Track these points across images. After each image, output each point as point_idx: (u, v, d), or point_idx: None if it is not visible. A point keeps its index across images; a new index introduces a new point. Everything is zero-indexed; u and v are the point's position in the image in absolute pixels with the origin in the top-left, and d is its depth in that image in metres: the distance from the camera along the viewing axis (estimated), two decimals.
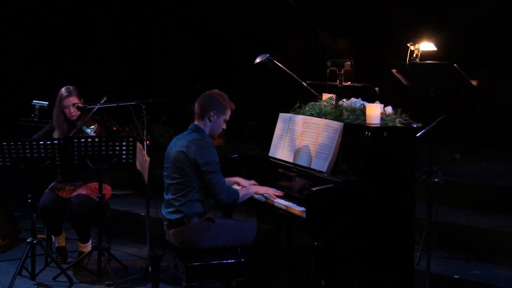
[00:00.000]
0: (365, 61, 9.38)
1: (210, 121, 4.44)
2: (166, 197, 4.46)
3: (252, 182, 4.76)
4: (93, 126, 5.58)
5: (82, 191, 5.59)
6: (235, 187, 4.70)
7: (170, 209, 4.40)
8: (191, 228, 4.33)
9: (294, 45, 10.69)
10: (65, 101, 5.60)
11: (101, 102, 5.50)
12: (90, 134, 5.46)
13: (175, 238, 4.39)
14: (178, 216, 4.35)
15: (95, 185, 5.57)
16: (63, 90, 5.66)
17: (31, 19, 9.60)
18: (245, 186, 4.68)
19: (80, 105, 5.55)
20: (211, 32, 10.85)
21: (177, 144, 4.40)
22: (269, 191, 4.55)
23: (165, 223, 4.47)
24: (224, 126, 4.53)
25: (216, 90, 4.53)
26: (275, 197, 4.49)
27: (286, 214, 4.35)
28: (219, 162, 4.39)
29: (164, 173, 4.48)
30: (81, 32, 10.12)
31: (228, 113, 4.51)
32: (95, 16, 10.26)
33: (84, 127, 5.54)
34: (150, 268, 5.11)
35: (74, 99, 5.60)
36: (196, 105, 4.50)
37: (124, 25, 10.53)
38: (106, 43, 10.43)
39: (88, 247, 5.67)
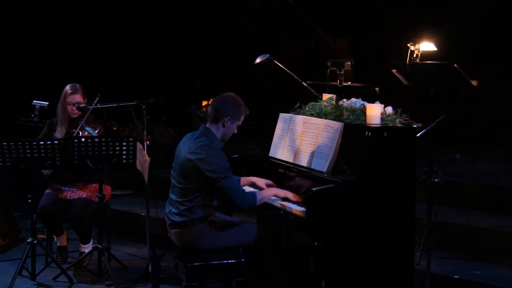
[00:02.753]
0: (365, 61, 9.38)
1: (224, 126, 4.35)
2: (171, 196, 4.44)
3: (269, 182, 4.68)
4: (97, 130, 5.58)
5: (82, 194, 5.60)
6: (247, 188, 4.64)
7: (174, 210, 4.37)
8: (194, 231, 4.31)
9: (294, 45, 10.70)
10: (70, 97, 5.63)
11: (95, 102, 5.53)
12: (92, 134, 5.46)
13: (177, 239, 4.38)
14: (181, 219, 4.32)
15: (95, 186, 5.57)
16: (68, 87, 5.69)
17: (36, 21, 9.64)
18: (261, 186, 4.61)
19: (81, 105, 5.56)
20: (211, 32, 10.85)
21: (186, 147, 4.32)
22: (288, 195, 4.43)
23: (168, 222, 4.45)
24: (236, 131, 4.43)
25: (232, 94, 4.41)
26: (294, 199, 4.40)
27: (286, 214, 4.35)
28: (230, 166, 4.33)
29: (172, 172, 4.43)
30: (83, 32, 10.14)
31: (242, 118, 4.41)
32: (96, 16, 10.27)
33: (88, 127, 5.53)
34: (150, 268, 5.11)
35: (78, 97, 5.63)
36: (211, 108, 4.39)
37: (124, 25, 10.53)
38: (107, 44, 10.43)
39: (89, 247, 5.67)
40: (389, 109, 4.48)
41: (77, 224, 5.55)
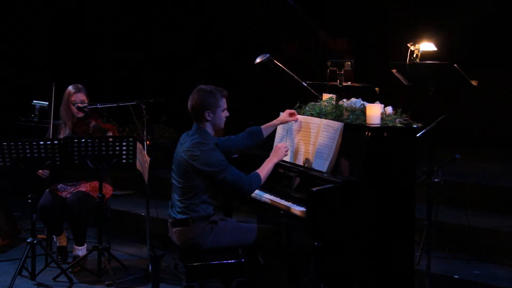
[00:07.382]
0: (365, 61, 9.38)
1: (207, 120, 4.38)
2: (173, 196, 4.47)
3: (289, 112, 4.75)
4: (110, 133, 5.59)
5: (82, 188, 5.59)
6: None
7: (176, 209, 4.40)
8: (195, 229, 4.33)
9: (294, 45, 10.70)
10: (74, 96, 5.65)
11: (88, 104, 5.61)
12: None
13: (178, 237, 4.39)
14: (183, 216, 4.35)
15: (95, 183, 5.56)
16: (71, 87, 5.71)
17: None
18: (285, 119, 4.76)
19: (81, 105, 5.58)
20: (211, 32, 10.85)
21: (182, 146, 4.38)
22: (286, 150, 4.52)
23: (170, 220, 4.46)
24: (227, 114, 4.43)
25: (202, 86, 4.41)
26: (286, 154, 4.53)
27: (286, 214, 4.35)
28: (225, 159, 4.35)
29: (172, 174, 4.47)
30: (83, 32, 10.14)
31: (223, 102, 4.40)
32: (96, 16, 10.27)
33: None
34: (150, 268, 5.11)
35: (82, 96, 5.66)
36: (189, 108, 4.42)
37: (124, 25, 10.53)
38: (107, 44, 10.43)
39: (83, 250, 5.63)
40: (389, 109, 4.48)
41: (74, 217, 5.50)
